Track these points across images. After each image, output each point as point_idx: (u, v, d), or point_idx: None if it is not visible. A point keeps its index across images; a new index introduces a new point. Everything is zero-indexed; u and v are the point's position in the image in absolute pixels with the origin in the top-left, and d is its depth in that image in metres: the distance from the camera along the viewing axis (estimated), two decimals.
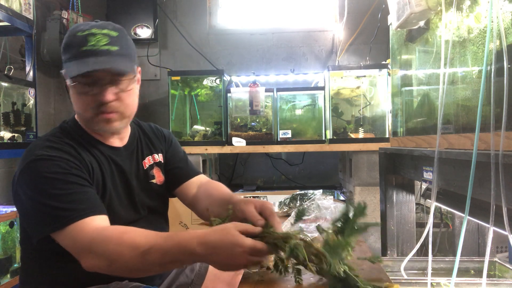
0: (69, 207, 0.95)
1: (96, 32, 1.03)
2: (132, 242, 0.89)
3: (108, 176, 1.12)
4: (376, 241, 2.78)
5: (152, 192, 1.23)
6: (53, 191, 0.97)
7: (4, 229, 2.18)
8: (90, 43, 1.02)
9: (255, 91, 2.96)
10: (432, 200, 1.34)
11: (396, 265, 1.62)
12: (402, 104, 2.00)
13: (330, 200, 1.38)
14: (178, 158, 1.35)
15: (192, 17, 3.65)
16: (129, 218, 1.14)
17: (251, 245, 0.84)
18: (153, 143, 1.29)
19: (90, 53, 1.01)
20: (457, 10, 1.32)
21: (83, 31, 1.03)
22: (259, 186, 3.66)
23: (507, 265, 1.55)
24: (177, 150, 1.37)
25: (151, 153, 1.27)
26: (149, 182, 1.23)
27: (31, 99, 2.48)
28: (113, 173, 1.14)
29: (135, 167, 1.20)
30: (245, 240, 0.84)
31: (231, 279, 1.32)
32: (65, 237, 0.94)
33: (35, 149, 1.03)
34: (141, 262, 0.88)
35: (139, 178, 1.21)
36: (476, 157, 1.06)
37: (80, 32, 1.03)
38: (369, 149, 2.79)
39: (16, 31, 2.37)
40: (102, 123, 1.07)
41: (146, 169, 1.23)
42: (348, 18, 3.47)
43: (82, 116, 1.11)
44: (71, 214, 0.94)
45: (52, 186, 0.97)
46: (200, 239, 0.86)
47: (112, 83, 1.05)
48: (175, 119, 3.22)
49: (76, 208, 0.95)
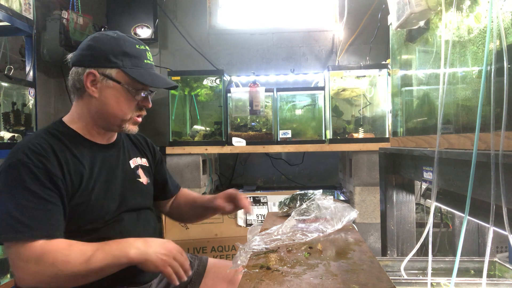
0: (28, 223, 0.99)
1: (147, 49, 1.23)
2: (79, 249, 1.00)
3: (94, 171, 1.17)
4: (376, 241, 2.78)
5: (139, 189, 1.30)
6: (21, 201, 1.01)
7: None
8: (148, 57, 1.22)
9: (255, 91, 2.96)
10: (432, 200, 1.34)
11: (396, 265, 1.62)
12: (402, 104, 2.00)
13: (330, 200, 1.38)
14: (164, 172, 1.50)
15: (192, 17, 3.65)
16: (116, 210, 1.19)
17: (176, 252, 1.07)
18: (137, 147, 1.40)
19: (149, 66, 1.21)
20: (457, 10, 1.32)
21: (140, 45, 1.20)
22: (259, 186, 3.66)
23: (507, 265, 1.55)
24: (163, 167, 1.50)
25: (136, 156, 1.36)
26: (136, 180, 1.30)
27: (31, 99, 2.48)
28: (101, 168, 1.20)
29: (122, 163, 1.28)
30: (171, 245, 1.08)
31: (231, 278, 1.33)
32: (12, 252, 0.99)
33: (18, 152, 1.07)
34: (85, 268, 0.98)
35: (126, 174, 1.28)
36: (476, 157, 1.06)
37: (138, 45, 1.19)
38: (369, 149, 2.79)
39: (16, 31, 2.37)
40: (133, 125, 1.23)
41: (133, 168, 1.31)
42: (348, 18, 3.47)
43: (118, 116, 1.18)
44: (27, 231, 0.98)
45: (22, 195, 1.01)
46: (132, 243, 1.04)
47: (150, 93, 1.24)
48: (175, 119, 3.22)
49: (34, 227, 1.00)
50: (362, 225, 2.83)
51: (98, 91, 1.16)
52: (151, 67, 1.22)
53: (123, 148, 1.31)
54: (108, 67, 1.15)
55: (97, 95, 1.16)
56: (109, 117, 1.18)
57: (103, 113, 1.18)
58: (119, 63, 1.14)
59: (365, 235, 2.82)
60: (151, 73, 1.20)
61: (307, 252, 1.11)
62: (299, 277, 0.93)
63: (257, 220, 2.58)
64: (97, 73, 1.14)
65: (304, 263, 1.02)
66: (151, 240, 1.07)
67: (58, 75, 3.45)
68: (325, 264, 1.02)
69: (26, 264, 0.97)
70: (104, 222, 1.15)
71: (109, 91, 1.16)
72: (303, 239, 1.22)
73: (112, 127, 1.21)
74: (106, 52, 1.14)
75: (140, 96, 1.20)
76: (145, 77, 1.17)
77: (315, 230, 1.27)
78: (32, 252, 0.98)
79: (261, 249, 1.12)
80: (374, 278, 0.91)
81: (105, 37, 1.17)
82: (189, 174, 2.94)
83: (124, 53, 1.15)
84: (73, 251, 0.99)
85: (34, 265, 0.97)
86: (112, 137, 1.29)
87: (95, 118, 1.19)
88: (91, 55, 1.15)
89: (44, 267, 0.97)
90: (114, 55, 1.14)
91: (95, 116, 1.19)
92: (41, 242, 0.99)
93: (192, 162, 2.95)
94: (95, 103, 1.17)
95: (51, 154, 1.09)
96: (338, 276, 0.92)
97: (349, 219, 1.33)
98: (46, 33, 3.03)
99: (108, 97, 1.16)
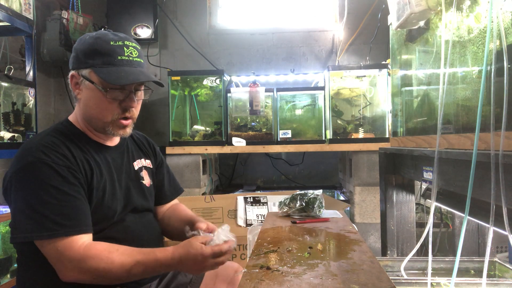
0: (58, 221, 1.00)
1: (128, 44, 1.13)
2: (120, 261, 1.02)
3: (102, 172, 1.16)
4: (376, 241, 2.78)
5: (142, 191, 1.29)
6: (46, 198, 1.01)
7: (4, 229, 2.18)
8: (126, 53, 1.12)
9: (255, 91, 2.96)
10: (432, 200, 1.34)
11: (396, 265, 1.62)
12: (402, 104, 1.99)
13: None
14: (162, 176, 1.43)
15: (192, 17, 3.65)
16: (121, 212, 1.18)
17: (210, 251, 1.04)
18: (141, 149, 1.37)
19: (126, 63, 1.11)
20: (457, 10, 1.32)
21: (116, 41, 1.12)
22: (259, 186, 3.66)
23: (507, 265, 1.55)
24: (161, 170, 1.43)
25: (140, 157, 1.34)
26: (139, 182, 1.29)
27: (31, 99, 2.48)
28: (107, 169, 1.18)
29: (126, 165, 1.26)
30: (204, 249, 1.04)
31: (231, 278, 1.33)
32: (50, 249, 1.01)
33: (33, 150, 1.05)
34: (126, 276, 1.03)
35: (130, 176, 1.26)
36: (476, 157, 1.06)
37: (113, 42, 1.11)
38: (369, 149, 2.79)
39: (16, 31, 2.37)
40: (118, 128, 1.16)
41: (136, 170, 1.29)
42: (348, 18, 3.47)
43: (99, 119, 1.14)
44: (59, 229, 1.00)
45: (47, 193, 1.01)
46: (171, 254, 1.05)
47: (135, 92, 1.15)
48: (175, 119, 3.22)
49: (65, 224, 1.01)
50: (362, 225, 2.83)
51: (81, 92, 1.14)
52: (128, 63, 1.11)
53: (127, 150, 1.30)
54: (83, 67, 1.12)
55: (80, 96, 1.15)
56: (91, 119, 1.16)
57: (87, 114, 1.16)
58: (90, 62, 1.11)
59: (365, 235, 2.82)
60: (121, 70, 1.10)
61: (307, 252, 1.11)
62: (299, 277, 0.93)
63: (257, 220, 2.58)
64: (77, 74, 1.13)
65: (304, 263, 1.02)
66: (185, 260, 1.05)
67: (58, 75, 3.45)
68: (325, 264, 1.02)
69: (70, 263, 1.00)
70: (110, 223, 1.15)
71: (87, 92, 1.13)
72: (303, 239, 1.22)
73: (98, 129, 1.18)
74: (82, 53, 1.12)
75: (115, 95, 1.12)
76: (111, 75, 1.08)
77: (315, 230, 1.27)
78: (75, 253, 1.00)
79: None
80: (374, 278, 0.91)
81: (85, 37, 1.14)
82: (189, 174, 2.94)
83: (95, 51, 1.10)
84: (114, 262, 1.02)
85: (77, 266, 1.00)
86: (115, 139, 1.26)
87: (87, 120, 1.18)
88: (74, 56, 1.15)
89: (87, 270, 1.01)
90: (87, 55, 1.11)
91: (85, 118, 1.18)
92: (81, 243, 1.02)
93: (192, 162, 2.95)
94: (81, 105, 1.16)
95: (66, 151, 1.09)
96: (338, 276, 0.92)
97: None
98: (46, 33, 3.03)
99: (87, 99, 1.13)
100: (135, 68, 1.13)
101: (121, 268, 1.02)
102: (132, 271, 1.03)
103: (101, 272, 1.01)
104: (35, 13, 2.46)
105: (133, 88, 1.14)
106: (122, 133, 1.18)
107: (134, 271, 1.03)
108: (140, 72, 1.13)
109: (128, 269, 1.02)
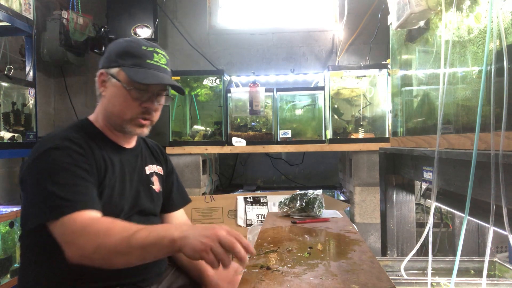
0: (70, 198, 1.01)
1: (158, 51, 1.21)
2: (123, 225, 0.99)
3: (115, 171, 1.19)
4: (376, 241, 2.78)
5: (151, 195, 1.31)
6: (60, 180, 1.03)
7: (4, 229, 2.18)
8: (155, 58, 1.19)
9: (255, 91, 2.96)
10: (432, 200, 1.34)
11: (396, 265, 1.62)
12: (402, 104, 2.00)
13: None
14: (171, 184, 1.44)
15: (192, 17, 3.65)
16: (128, 212, 1.20)
17: (224, 233, 0.90)
18: (154, 155, 1.40)
19: (154, 67, 1.18)
20: (457, 10, 1.32)
21: (147, 47, 1.19)
22: (259, 186, 3.66)
23: (507, 265, 1.55)
24: (170, 180, 1.45)
25: (152, 163, 1.37)
26: (149, 186, 1.31)
27: (31, 99, 2.48)
28: (120, 169, 1.22)
29: (139, 168, 1.30)
30: (218, 228, 0.92)
31: (231, 278, 1.33)
32: (60, 226, 0.99)
33: (52, 139, 1.10)
34: (127, 243, 0.94)
35: (141, 179, 1.29)
36: (476, 157, 1.06)
37: (145, 47, 1.19)
38: (369, 149, 2.79)
39: (16, 31, 2.37)
40: (136, 127, 1.20)
41: (148, 174, 1.32)
42: (348, 18, 3.47)
43: (119, 116, 1.18)
44: (70, 205, 1.00)
45: (61, 175, 1.04)
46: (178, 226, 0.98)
47: (157, 96, 1.21)
48: (175, 119, 3.22)
49: (76, 200, 1.02)
50: (362, 225, 2.83)
51: (106, 89, 1.20)
52: (155, 68, 1.18)
53: (141, 154, 1.33)
54: (112, 66, 1.18)
55: (105, 93, 1.20)
56: (112, 115, 1.20)
57: (108, 111, 1.21)
58: (120, 62, 1.17)
59: (365, 235, 2.82)
60: (148, 72, 1.16)
61: (307, 252, 1.11)
62: (299, 277, 0.93)
63: (257, 220, 2.58)
64: (105, 72, 1.19)
65: (304, 263, 1.02)
66: (197, 225, 0.99)
67: (58, 75, 3.45)
68: (325, 264, 1.02)
69: (72, 237, 0.97)
70: None
71: (113, 89, 1.18)
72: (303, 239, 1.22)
73: (117, 127, 1.22)
74: (114, 53, 1.19)
75: (139, 95, 1.16)
76: (138, 75, 1.14)
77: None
78: (78, 223, 0.98)
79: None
80: (374, 278, 0.91)
81: (120, 40, 1.23)
82: (189, 174, 2.94)
83: (126, 52, 1.17)
84: (116, 225, 0.99)
85: (79, 236, 0.96)
86: (131, 141, 1.30)
87: (107, 118, 1.22)
88: (105, 56, 1.22)
89: (88, 238, 0.96)
90: (118, 55, 1.18)
91: (106, 116, 1.22)
92: (86, 214, 1.00)
93: (192, 162, 2.95)
94: (104, 102, 1.21)
95: (84, 143, 1.13)
96: (338, 276, 0.92)
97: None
98: (46, 33, 3.03)
99: (112, 95, 1.19)
100: (161, 73, 1.19)
101: (123, 231, 0.96)
102: (134, 237, 0.94)
103: (102, 237, 0.95)
104: (35, 13, 2.46)
105: (156, 91, 1.19)
106: (140, 132, 1.22)
107: (137, 236, 0.94)
108: (165, 77, 1.20)
109: (130, 233, 0.94)
